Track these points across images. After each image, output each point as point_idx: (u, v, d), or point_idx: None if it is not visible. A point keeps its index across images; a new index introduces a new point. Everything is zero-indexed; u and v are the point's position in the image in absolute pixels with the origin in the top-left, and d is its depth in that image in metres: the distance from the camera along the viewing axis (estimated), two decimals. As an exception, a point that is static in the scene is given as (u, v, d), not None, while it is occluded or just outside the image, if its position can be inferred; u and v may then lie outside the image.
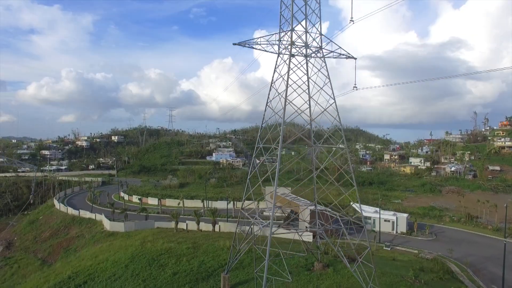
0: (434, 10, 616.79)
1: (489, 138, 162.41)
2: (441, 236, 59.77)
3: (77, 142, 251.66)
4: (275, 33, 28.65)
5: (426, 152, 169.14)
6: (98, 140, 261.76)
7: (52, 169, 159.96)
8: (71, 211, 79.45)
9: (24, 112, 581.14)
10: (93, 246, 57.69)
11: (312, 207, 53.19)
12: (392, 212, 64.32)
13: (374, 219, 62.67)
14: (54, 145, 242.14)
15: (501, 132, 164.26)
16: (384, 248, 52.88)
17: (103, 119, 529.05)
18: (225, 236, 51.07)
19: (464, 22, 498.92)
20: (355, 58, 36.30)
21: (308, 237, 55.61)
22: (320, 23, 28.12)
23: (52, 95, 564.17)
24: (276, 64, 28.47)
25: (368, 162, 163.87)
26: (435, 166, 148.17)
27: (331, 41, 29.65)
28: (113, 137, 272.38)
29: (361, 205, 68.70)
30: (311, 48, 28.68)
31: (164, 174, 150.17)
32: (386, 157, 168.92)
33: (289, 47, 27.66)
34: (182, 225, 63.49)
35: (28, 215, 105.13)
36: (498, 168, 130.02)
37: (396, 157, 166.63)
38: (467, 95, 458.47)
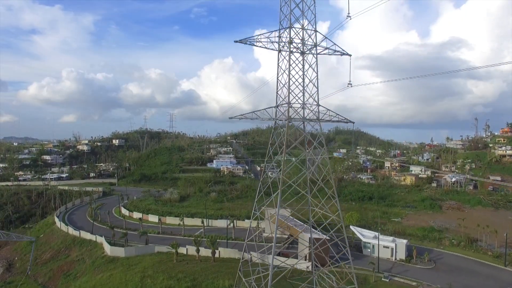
0: (435, 10, 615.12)
1: (490, 145, 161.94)
2: (440, 263, 59.72)
3: (78, 146, 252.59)
4: (272, 105, 29.15)
5: (427, 159, 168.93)
6: (99, 144, 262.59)
7: (53, 177, 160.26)
8: (71, 231, 79.73)
9: (25, 112, 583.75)
10: (93, 274, 57.96)
11: (312, 235, 53.62)
12: (391, 238, 64.31)
13: (373, 245, 62.75)
14: (55, 149, 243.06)
15: (502, 139, 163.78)
16: (382, 279, 52.96)
17: (104, 119, 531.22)
18: (224, 270, 51.10)
19: (465, 22, 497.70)
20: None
21: (307, 266, 55.88)
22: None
23: (53, 95, 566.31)
24: (273, 132, 28.63)
25: (368, 170, 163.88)
26: (436, 174, 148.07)
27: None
28: (114, 141, 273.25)
29: (361, 229, 69.33)
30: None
31: (165, 182, 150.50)
32: (387, 164, 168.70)
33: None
34: (182, 249, 63.77)
35: (30, 229, 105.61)
36: (499, 178, 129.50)
37: (397, 164, 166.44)
38: (468, 95, 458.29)
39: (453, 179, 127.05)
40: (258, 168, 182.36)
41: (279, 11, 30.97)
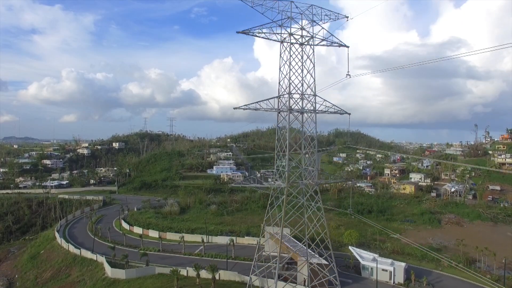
0: (435, 9, 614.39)
1: (490, 152, 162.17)
2: (439, 287, 60.03)
3: (78, 150, 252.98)
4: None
5: (427, 166, 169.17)
6: (99, 147, 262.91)
7: (53, 185, 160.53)
8: (72, 249, 79.96)
9: (25, 112, 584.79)
10: (94, 299, 58.35)
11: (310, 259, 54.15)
12: (389, 261, 64.53)
13: (372, 268, 63.02)
14: (56, 153, 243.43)
15: (501, 146, 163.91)
16: (381, 306, 53.29)
17: (104, 119, 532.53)
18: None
19: (465, 22, 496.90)
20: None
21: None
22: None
23: (53, 95, 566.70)
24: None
25: (368, 177, 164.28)
26: (436, 182, 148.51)
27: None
28: (114, 144, 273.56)
29: (360, 250, 69.63)
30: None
31: (165, 190, 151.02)
32: (387, 171, 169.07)
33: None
34: (183, 271, 63.99)
35: (30, 241, 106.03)
36: (498, 187, 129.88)
37: (397, 171, 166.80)
38: (468, 95, 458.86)
39: (453, 189, 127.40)
40: (258, 174, 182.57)
41: (278, 72, 31.54)
